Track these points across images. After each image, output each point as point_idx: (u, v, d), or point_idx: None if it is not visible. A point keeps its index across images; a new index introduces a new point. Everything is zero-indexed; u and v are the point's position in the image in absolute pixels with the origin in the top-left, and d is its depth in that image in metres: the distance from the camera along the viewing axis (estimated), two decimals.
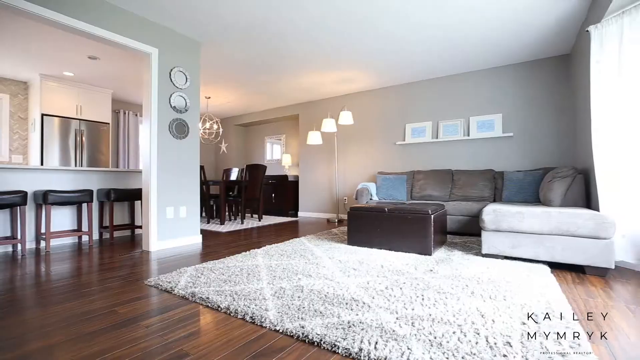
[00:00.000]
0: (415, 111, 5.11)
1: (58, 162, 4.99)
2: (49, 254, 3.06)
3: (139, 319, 1.58)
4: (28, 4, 2.42)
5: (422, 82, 5.05)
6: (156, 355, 1.24)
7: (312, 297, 1.81)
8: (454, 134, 4.70)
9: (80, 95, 5.24)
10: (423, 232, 2.85)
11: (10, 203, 2.97)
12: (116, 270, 2.48)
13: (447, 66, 4.47)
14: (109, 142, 5.58)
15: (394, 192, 4.62)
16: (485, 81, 4.52)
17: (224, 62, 4.33)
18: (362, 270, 2.36)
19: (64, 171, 3.66)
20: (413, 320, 1.51)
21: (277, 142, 7.61)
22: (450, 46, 3.82)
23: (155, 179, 3.24)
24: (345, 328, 1.43)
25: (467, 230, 3.77)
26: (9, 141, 5.04)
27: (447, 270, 2.34)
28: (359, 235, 3.20)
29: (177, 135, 3.44)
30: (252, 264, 2.54)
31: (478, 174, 4.22)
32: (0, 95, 4.94)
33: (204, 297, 1.81)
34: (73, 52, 4.02)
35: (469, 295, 1.82)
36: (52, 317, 1.61)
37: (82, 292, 1.97)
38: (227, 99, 6.24)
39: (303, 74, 4.80)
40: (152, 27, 3.25)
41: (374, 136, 5.53)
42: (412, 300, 1.75)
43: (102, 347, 1.31)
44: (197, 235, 3.66)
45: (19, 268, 2.55)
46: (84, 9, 2.75)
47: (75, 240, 3.71)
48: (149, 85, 3.24)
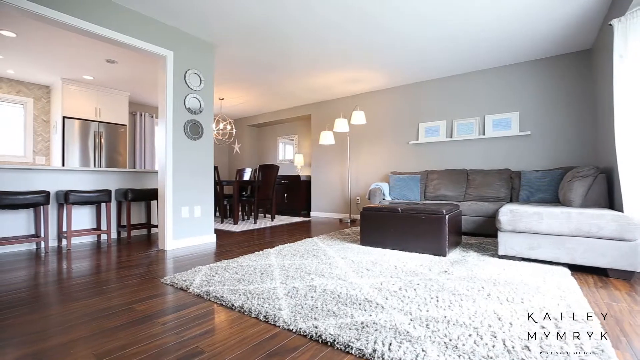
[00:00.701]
0: (428, 110, 5.05)
1: (78, 162, 5.15)
2: (70, 252, 3.16)
3: (155, 316, 1.61)
4: (51, 11, 2.51)
5: (435, 80, 4.98)
6: (172, 352, 1.27)
7: (325, 297, 1.81)
8: (469, 133, 4.61)
9: (99, 98, 5.39)
10: (437, 233, 2.81)
11: (34, 202, 3.09)
12: (133, 268, 2.54)
13: (461, 64, 4.39)
14: (126, 143, 5.73)
15: (407, 192, 4.57)
16: (501, 79, 4.43)
17: (237, 63, 4.38)
18: (375, 270, 2.34)
19: (84, 172, 3.78)
20: (427, 321, 1.49)
21: (290, 142, 7.64)
22: (464, 44, 3.75)
23: (170, 179, 3.30)
24: (358, 328, 1.42)
25: (482, 231, 3.69)
26: (33, 143, 5.24)
27: (462, 272, 2.30)
28: (372, 235, 3.18)
29: (192, 136, 3.50)
30: (265, 263, 2.56)
31: (494, 174, 4.13)
32: (25, 99, 5.14)
33: (218, 296, 1.83)
34: (92, 57, 4.15)
35: (485, 298, 1.79)
36: (73, 313, 1.66)
37: (102, 289, 2.03)
38: (240, 100, 6.31)
39: (315, 74, 4.81)
40: (168, 31, 3.31)
41: (386, 136, 5.49)
42: (427, 302, 1.73)
43: (121, 342, 1.35)
44: (211, 234, 3.71)
45: (42, 265, 2.64)
46: (104, 14, 2.82)
47: (94, 238, 3.82)
48: (164, 87, 3.30)
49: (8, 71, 4.65)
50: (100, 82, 5.17)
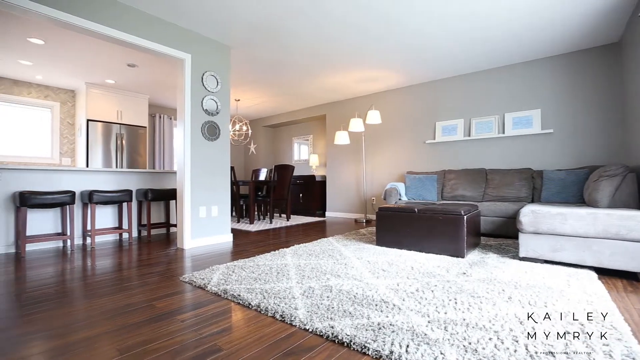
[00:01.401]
0: (445, 109, 4.96)
1: (101, 163, 5.33)
2: (94, 249, 3.27)
3: (175, 313, 1.65)
4: (78, 18, 2.61)
5: (452, 78, 4.89)
6: (192, 349, 1.29)
7: (341, 297, 1.81)
8: (488, 132, 4.50)
9: (120, 101, 5.57)
10: (455, 234, 2.75)
11: (61, 202, 3.22)
12: (153, 266, 2.61)
13: (480, 61, 4.29)
14: (146, 144, 5.89)
15: (424, 192, 4.50)
16: (521, 75, 4.29)
17: (253, 64, 4.42)
18: (391, 271, 2.32)
19: (107, 172, 3.91)
20: (446, 324, 1.46)
21: (305, 142, 7.67)
22: (482, 40, 3.66)
23: (188, 180, 3.37)
24: (375, 330, 1.41)
25: (502, 232, 3.59)
26: (60, 145, 5.46)
27: (482, 274, 2.24)
28: (388, 236, 3.14)
29: (209, 137, 3.56)
30: (281, 263, 2.57)
31: (514, 173, 4.01)
32: (52, 103, 5.37)
33: (235, 295, 1.86)
34: (114, 61, 4.29)
35: (506, 301, 1.74)
36: (97, 309, 1.72)
37: (124, 286, 2.09)
38: (255, 101, 6.38)
39: (329, 73, 4.80)
40: (185, 34, 3.39)
41: (402, 135, 5.43)
42: (445, 304, 1.70)
43: (142, 338, 1.38)
44: (228, 234, 3.76)
45: (68, 262, 2.75)
46: (126, 20, 2.91)
47: (116, 237, 3.94)
48: (182, 90, 3.38)
49: (37, 77, 4.86)
50: (121, 85, 5.34)
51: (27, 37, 3.56)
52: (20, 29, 3.39)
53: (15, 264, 2.70)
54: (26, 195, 3.01)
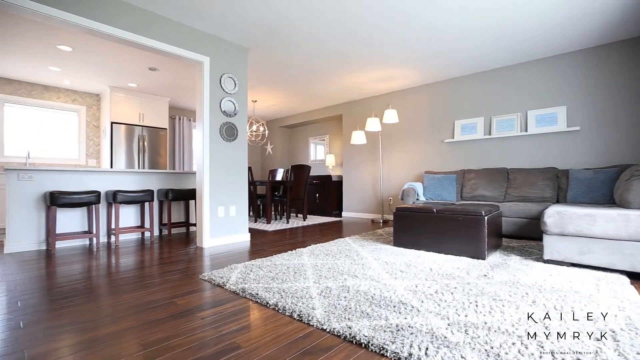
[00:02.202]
0: (465, 107, 4.84)
1: (124, 164, 5.52)
2: (118, 247, 3.39)
3: (195, 311, 1.68)
4: (104, 25, 2.71)
5: (472, 75, 4.77)
6: (212, 346, 1.31)
7: (359, 298, 1.80)
8: (510, 130, 4.36)
9: (142, 104, 5.75)
10: (476, 235, 2.68)
11: (87, 202, 3.35)
12: (174, 264, 2.68)
13: (500, 57, 4.16)
14: (166, 145, 6.05)
15: (443, 192, 4.41)
16: (545, 71, 4.14)
17: (269, 66, 4.47)
18: (409, 272, 2.28)
19: (129, 173, 4.04)
20: (466, 327, 1.42)
21: (321, 142, 7.67)
22: (503, 35, 3.55)
23: (207, 180, 3.44)
24: (393, 331, 1.39)
25: (525, 233, 3.48)
26: (86, 147, 5.69)
27: (504, 276, 2.18)
28: (406, 236, 3.10)
29: (227, 138, 3.62)
30: (298, 262, 2.58)
31: (538, 173, 3.87)
32: (79, 107, 5.60)
33: (253, 293, 1.88)
34: (136, 65, 4.43)
35: (530, 305, 1.68)
36: (121, 305, 1.78)
37: (146, 283, 2.15)
38: (272, 102, 6.44)
39: (346, 73, 4.79)
40: (204, 38, 3.46)
41: (420, 134, 5.34)
42: (465, 307, 1.66)
43: (164, 334, 1.42)
44: (246, 233, 3.81)
45: (94, 259, 2.86)
46: (147, 25, 3.00)
47: (139, 235, 4.07)
48: (201, 92, 3.45)
49: (65, 82, 5.09)
50: (143, 89, 5.51)
51: (57, 44, 3.73)
52: (50, 37, 3.55)
53: (46, 260, 2.83)
54: (56, 195, 3.15)
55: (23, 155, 5.08)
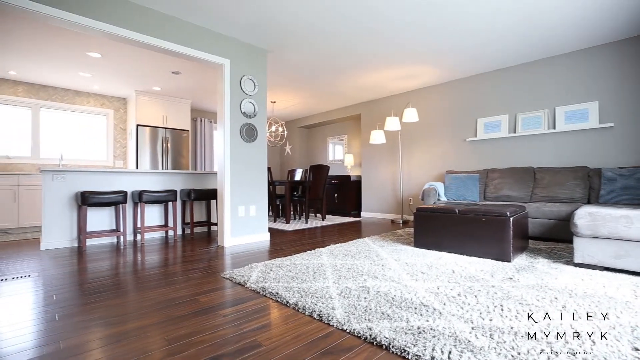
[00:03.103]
0: (488, 104, 4.70)
1: (149, 165, 5.71)
2: (144, 245, 3.51)
3: (217, 308, 1.72)
4: (131, 32, 2.82)
5: (495, 72, 4.62)
6: (233, 343, 1.34)
7: (379, 299, 1.78)
8: (536, 127, 4.19)
9: (165, 107, 5.93)
10: (500, 236, 2.60)
11: (115, 201, 3.49)
12: (196, 262, 2.74)
13: (527, 52, 4.01)
14: (188, 146, 6.22)
15: (465, 192, 4.30)
16: (574, 65, 3.95)
17: (288, 67, 4.50)
18: (431, 274, 2.24)
19: (154, 174, 4.18)
20: (491, 331, 1.38)
21: (339, 142, 7.66)
22: (529, 29, 3.42)
23: (228, 180, 3.51)
24: (414, 334, 1.37)
25: (553, 235, 3.33)
26: (113, 148, 5.94)
27: (530, 280, 2.09)
28: (427, 237, 3.04)
29: (247, 139, 3.67)
30: (317, 262, 2.59)
31: (567, 172, 3.70)
32: (107, 110, 5.85)
33: (273, 292, 1.90)
34: (160, 69, 4.58)
35: (560, 310, 1.61)
36: (147, 301, 1.84)
37: (170, 281, 2.22)
38: (291, 103, 6.48)
39: (365, 72, 4.75)
40: (225, 40, 3.53)
41: (441, 133, 5.23)
42: (490, 310, 1.61)
43: (188, 330, 1.46)
44: (265, 232, 3.86)
45: (122, 257, 2.98)
46: (171, 30, 3.10)
47: (163, 234, 4.20)
48: (222, 94, 3.52)
49: (94, 87, 5.33)
50: (166, 92, 5.68)
51: (87, 51, 3.91)
52: (81, 44, 3.73)
53: (77, 257, 2.97)
54: (86, 195, 3.31)
55: (57, 157, 5.36)
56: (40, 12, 2.41)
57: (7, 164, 4.93)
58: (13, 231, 4.52)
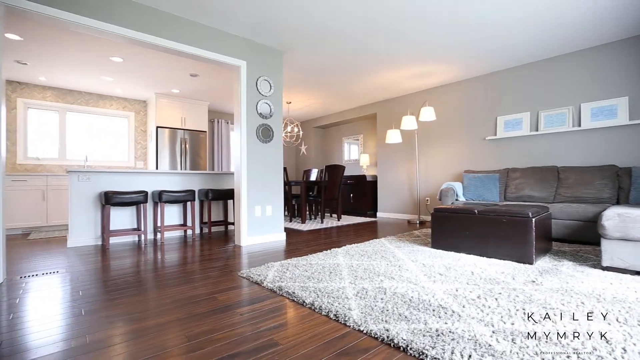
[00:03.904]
0: (508, 102, 4.56)
1: (168, 166, 5.86)
2: (164, 244, 3.60)
3: (234, 307, 1.74)
4: (151, 37, 2.90)
5: (516, 68, 4.48)
6: (251, 341, 1.35)
7: (396, 300, 1.75)
8: (560, 125, 4.04)
9: (184, 109, 6.07)
10: (522, 238, 2.52)
11: (137, 201, 3.60)
12: (214, 261, 2.79)
13: (549, 47, 3.87)
14: (206, 147, 6.34)
15: (484, 192, 4.19)
16: (601, 59, 3.78)
17: (303, 67, 4.51)
18: (449, 276, 2.19)
19: (173, 174, 4.28)
20: (513, 336, 1.34)
21: (355, 142, 7.62)
22: (553, 23, 3.29)
23: (245, 180, 3.55)
24: (433, 336, 1.34)
25: (578, 237, 3.20)
26: (134, 150, 6.12)
27: (555, 283, 2.02)
28: (445, 238, 2.99)
29: (263, 139, 3.71)
30: (333, 262, 2.58)
31: (594, 171, 3.55)
32: (128, 113, 6.04)
33: (290, 292, 1.91)
34: (179, 72, 4.68)
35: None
36: (167, 298, 1.88)
37: (189, 279, 2.27)
38: (306, 103, 6.50)
39: (380, 71, 4.71)
40: (241, 43, 3.57)
41: (459, 132, 5.12)
42: (511, 314, 1.56)
43: (207, 327, 1.49)
44: (281, 232, 3.88)
45: (143, 255, 3.07)
46: (189, 34, 3.16)
47: (181, 233, 4.30)
48: (238, 95, 3.57)
49: (116, 90, 5.51)
50: (185, 94, 5.81)
51: (110, 56, 4.05)
52: (103, 49, 3.87)
53: (101, 255, 3.08)
54: (110, 194, 3.42)
55: (82, 159, 5.57)
56: (69, 20, 2.51)
57: (36, 165, 5.17)
58: (42, 229, 4.73)
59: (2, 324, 1.55)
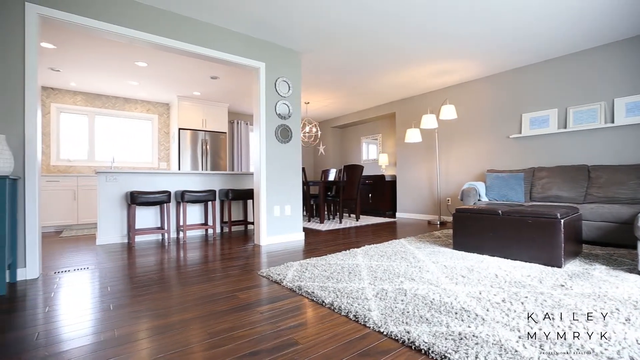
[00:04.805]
0: (534, 98, 4.39)
1: (189, 166, 6.01)
2: (186, 243, 3.70)
3: (254, 305, 1.76)
4: (174, 41, 2.99)
5: (542, 63, 4.30)
6: (271, 340, 1.36)
7: (417, 302, 1.72)
8: (591, 122, 3.85)
9: (204, 111, 6.21)
10: (550, 240, 2.41)
11: (160, 201, 3.72)
12: (234, 260, 2.84)
13: (578, 40, 3.69)
14: (226, 148, 6.46)
15: (509, 192, 4.05)
16: (636, 51, 3.57)
17: (321, 67, 4.52)
18: (472, 278, 2.14)
19: (194, 174, 4.39)
20: (541, 342, 1.28)
21: (373, 142, 7.56)
22: (583, 15, 3.14)
23: (264, 180, 3.59)
24: (456, 339, 1.31)
25: (611, 240, 3.04)
26: (158, 151, 6.32)
27: (586, 288, 1.92)
28: (467, 239, 2.91)
29: (282, 140, 3.74)
30: (352, 263, 2.57)
31: (629, 170, 3.36)
32: (152, 115, 6.25)
33: (309, 292, 1.91)
34: (200, 75, 4.80)
35: (623, 322, 1.46)
36: (190, 295, 1.93)
37: (210, 277, 2.32)
38: (324, 103, 6.51)
39: (399, 69, 4.65)
40: (260, 44, 3.62)
41: (481, 130, 4.97)
42: (539, 319, 1.50)
43: (227, 325, 1.51)
44: (300, 232, 3.90)
45: (166, 253, 3.16)
46: (209, 37, 3.23)
47: (203, 232, 4.40)
48: (257, 96, 3.61)
49: (141, 94, 5.71)
50: (205, 96, 5.95)
51: (135, 61, 4.20)
52: (129, 55, 4.01)
53: (128, 252, 3.20)
54: (135, 194, 3.55)
55: (109, 160, 5.81)
56: (100, 28, 2.62)
57: (68, 166, 5.43)
58: (73, 227, 4.97)
59: (39, 317, 1.64)
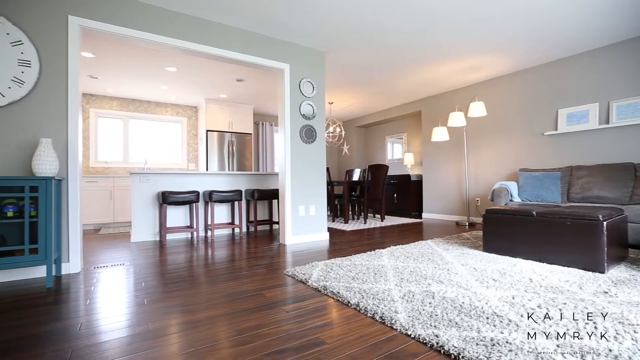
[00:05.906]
0: (570, 92, 4.14)
1: (216, 167, 6.19)
2: (213, 241, 3.80)
3: (280, 304, 1.78)
4: (202, 46, 3.09)
5: (579, 55, 4.04)
6: (297, 339, 1.37)
7: (445, 305, 1.67)
8: (637, 116, 3.57)
9: (230, 113, 6.37)
10: (591, 243, 2.27)
11: (190, 200, 3.85)
12: (260, 259, 2.89)
13: (621, 30, 3.44)
14: (251, 149, 6.59)
15: (543, 192, 3.85)
16: None
17: (345, 67, 4.50)
18: (504, 282, 2.04)
19: (222, 175, 4.51)
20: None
21: (398, 141, 7.43)
22: (620, 3, 2.93)
23: (289, 181, 3.63)
24: (487, 345, 1.26)
25: None
26: (187, 152, 6.56)
27: (633, 295, 1.79)
28: (498, 241, 2.79)
29: (306, 140, 3.76)
30: (377, 264, 2.54)
31: None
32: (181, 118, 6.49)
33: (334, 292, 1.91)
34: (226, 78, 4.93)
35: None
36: (217, 293, 1.98)
37: (237, 275, 2.37)
38: (348, 102, 6.48)
39: (425, 67, 4.54)
40: (284, 46, 3.66)
41: (513, 127, 4.76)
42: (579, 327, 1.41)
43: (254, 323, 1.54)
44: (325, 232, 3.91)
45: (195, 251, 3.27)
46: (235, 40, 3.31)
47: (230, 231, 4.51)
48: (282, 97, 3.65)
49: (171, 97, 5.94)
50: (231, 98, 6.10)
51: (165, 66, 4.38)
52: (160, 61, 4.19)
53: (159, 250, 3.34)
54: (166, 194, 3.70)
55: (142, 161, 6.10)
56: (135, 36, 2.76)
57: (105, 167, 5.75)
58: (110, 225, 5.25)
59: (81, 308, 1.75)
